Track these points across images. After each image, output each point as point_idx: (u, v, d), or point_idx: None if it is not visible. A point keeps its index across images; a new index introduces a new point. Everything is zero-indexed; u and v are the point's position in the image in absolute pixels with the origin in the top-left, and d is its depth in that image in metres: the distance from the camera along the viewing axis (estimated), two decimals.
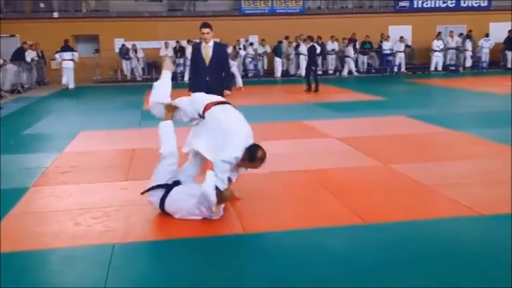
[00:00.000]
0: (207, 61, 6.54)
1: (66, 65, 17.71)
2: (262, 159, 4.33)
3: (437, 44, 20.90)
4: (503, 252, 3.71)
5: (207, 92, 5.89)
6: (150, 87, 5.25)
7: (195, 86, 6.39)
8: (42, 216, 4.76)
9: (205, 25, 6.53)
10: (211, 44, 6.54)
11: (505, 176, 5.57)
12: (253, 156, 4.28)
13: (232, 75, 6.96)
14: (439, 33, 21.76)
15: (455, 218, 4.43)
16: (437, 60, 21.10)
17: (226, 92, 6.60)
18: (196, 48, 6.71)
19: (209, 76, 6.52)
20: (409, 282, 3.30)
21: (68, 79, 17.83)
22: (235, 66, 16.39)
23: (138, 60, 20.61)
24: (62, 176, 6.15)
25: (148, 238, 4.17)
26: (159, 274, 3.54)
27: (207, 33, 6.46)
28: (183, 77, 19.93)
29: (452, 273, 3.41)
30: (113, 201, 5.10)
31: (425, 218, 4.44)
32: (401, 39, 20.98)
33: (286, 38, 20.97)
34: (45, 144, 8.40)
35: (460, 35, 21.84)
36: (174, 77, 20.09)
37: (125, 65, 20.69)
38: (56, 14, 20.92)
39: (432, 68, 21.06)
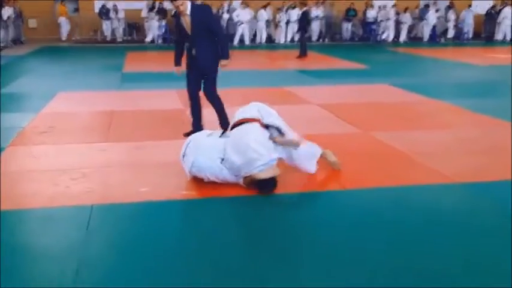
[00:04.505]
0: (189, 31, 5.61)
1: (152, 22, 19.76)
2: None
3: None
4: (478, 219, 3.81)
5: (197, 69, 5.61)
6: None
7: (179, 62, 5.86)
8: (19, 176, 4.69)
9: None
10: (188, 11, 5.55)
11: (483, 146, 5.66)
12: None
13: (227, 40, 6.01)
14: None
15: (432, 186, 4.48)
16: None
17: (223, 62, 5.72)
18: (177, 17, 5.71)
19: (195, 47, 5.62)
20: (385, 246, 3.35)
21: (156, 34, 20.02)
22: None
23: (118, 21, 20.16)
24: (39, 136, 6.05)
25: (127, 200, 4.15)
26: (138, 235, 3.53)
27: (181, 5, 5.47)
28: (164, 39, 19.59)
29: (427, 238, 3.48)
30: (92, 163, 5.05)
31: (403, 185, 4.50)
32: (394, 6, 20.72)
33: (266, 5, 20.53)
34: (21, 104, 8.24)
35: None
36: (153, 40, 19.81)
37: (105, 26, 20.23)
38: None
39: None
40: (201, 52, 5.63)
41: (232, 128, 4.57)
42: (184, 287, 2.87)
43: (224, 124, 5.83)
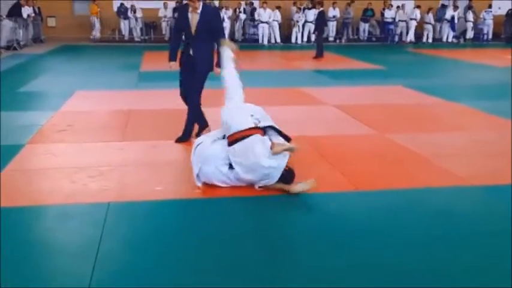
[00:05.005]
0: (193, 29, 5.46)
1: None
2: None
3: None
4: (493, 222, 3.79)
5: (191, 69, 5.49)
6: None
7: (174, 58, 5.73)
8: (37, 173, 4.78)
9: None
10: (199, 10, 5.44)
11: (499, 149, 5.61)
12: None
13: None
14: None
15: (447, 188, 4.46)
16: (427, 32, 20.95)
17: (217, 70, 5.52)
18: (183, 11, 5.56)
19: (194, 47, 5.52)
20: (398, 248, 3.35)
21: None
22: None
23: (136, 20, 20.32)
24: (57, 134, 6.14)
25: (143, 198, 4.20)
26: (153, 233, 3.57)
27: (198, 0, 5.39)
28: None
29: (439, 240, 3.47)
30: (109, 161, 5.11)
31: (417, 187, 4.49)
32: (419, 7, 20.56)
33: (294, 3, 20.57)
34: (41, 102, 8.36)
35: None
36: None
37: (123, 25, 20.39)
38: None
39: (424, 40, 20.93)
40: (200, 53, 5.52)
41: (232, 142, 4.39)
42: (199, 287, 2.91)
43: (186, 133, 5.83)
